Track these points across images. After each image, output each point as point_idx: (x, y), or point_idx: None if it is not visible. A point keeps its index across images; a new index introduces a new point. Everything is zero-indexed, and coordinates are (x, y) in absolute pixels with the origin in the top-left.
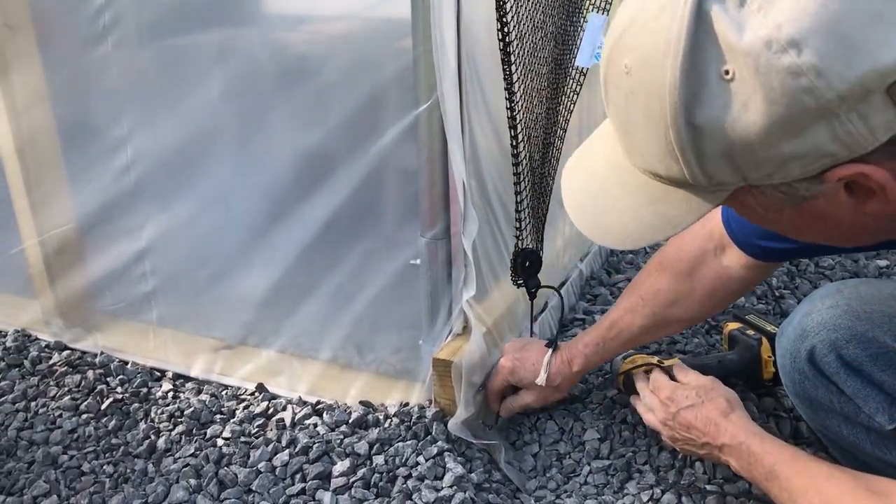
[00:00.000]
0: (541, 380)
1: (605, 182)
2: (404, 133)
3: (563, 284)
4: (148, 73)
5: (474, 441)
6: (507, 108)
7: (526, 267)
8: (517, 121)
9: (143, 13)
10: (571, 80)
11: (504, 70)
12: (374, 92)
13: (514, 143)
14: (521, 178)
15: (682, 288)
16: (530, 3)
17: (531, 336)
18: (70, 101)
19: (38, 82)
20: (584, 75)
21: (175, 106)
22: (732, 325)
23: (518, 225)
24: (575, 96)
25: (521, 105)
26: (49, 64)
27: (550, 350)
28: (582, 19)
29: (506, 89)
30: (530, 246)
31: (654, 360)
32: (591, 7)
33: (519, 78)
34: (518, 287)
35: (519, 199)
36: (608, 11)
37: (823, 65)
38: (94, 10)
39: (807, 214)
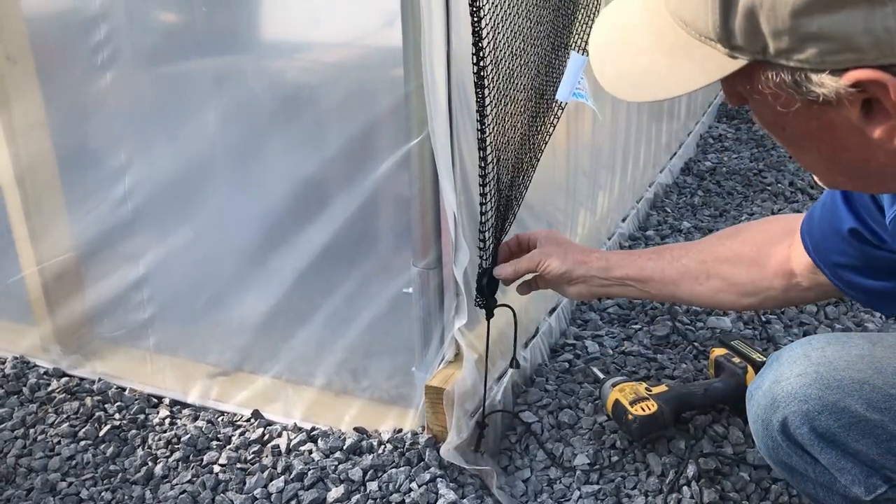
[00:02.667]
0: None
1: (635, 25)
2: (398, 163)
3: (553, 310)
4: (146, 104)
5: (466, 467)
6: (477, 130)
7: (488, 286)
8: (486, 142)
9: (141, 46)
10: (550, 113)
11: (476, 92)
12: (369, 121)
13: (483, 164)
14: (488, 199)
15: (747, 253)
16: (509, 30)
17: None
18: (69, 131)
19: (38, 113)
20: (563, 109)
21: (173, 135)
22: (718, 351)
23: (482, 245)
24: (551, 128)
25: (493, 127)
26: (49, 95)
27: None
28: (566, 55)
29: (477, 111)
30: (489, 265)
31: (643, 386)
32: (573, 46)
33: (492, 100)
34: (479, 307)
35: (484, 220)
36: (588, 53)
37: None
38: (94, 44)
39: (815, 121)
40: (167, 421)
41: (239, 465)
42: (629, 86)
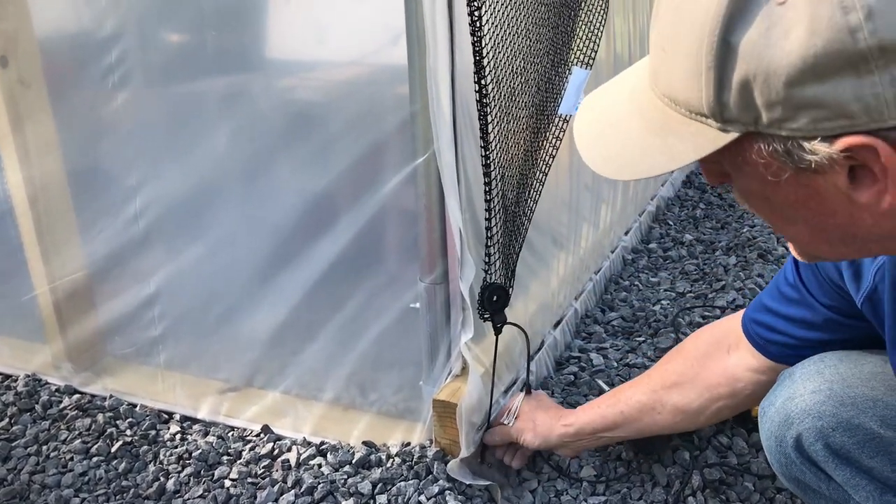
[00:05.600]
0: (507, 419)
1: (622, 107)
2: (405, 180)
3: (558, 323)
4: (157, 124)
5: (471, 482)
6: (480, 147)
7: (493, 301)
8: (490, 159)
9: (152, 67)
10: (553, 126)
11: (478, 110)
12: (377, 138)
13: (487, 181)
14: (492, 214)
15: (687, 372)
16: (509, 49)
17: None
18: (81, 152)
19: (50, 135)
20: (567, 122)
21: (184, 155)
22: None
23: (487, 259)
24: (557, 142)
25: (496, 144)
26: (61, 117)
27: (522, 393)
28: (567, 71)
29: (480, 129)
30: (498, 281)
31: None
32: (576, 61)
33: (494, 117)
34: (484, 321)
35: (489, 235)
36: (591, 67)
37: (878, 7)
38: (105, 66)
39: (803, 189)
40: (178, 436)
41: (250, 480)
42: (619, 166)
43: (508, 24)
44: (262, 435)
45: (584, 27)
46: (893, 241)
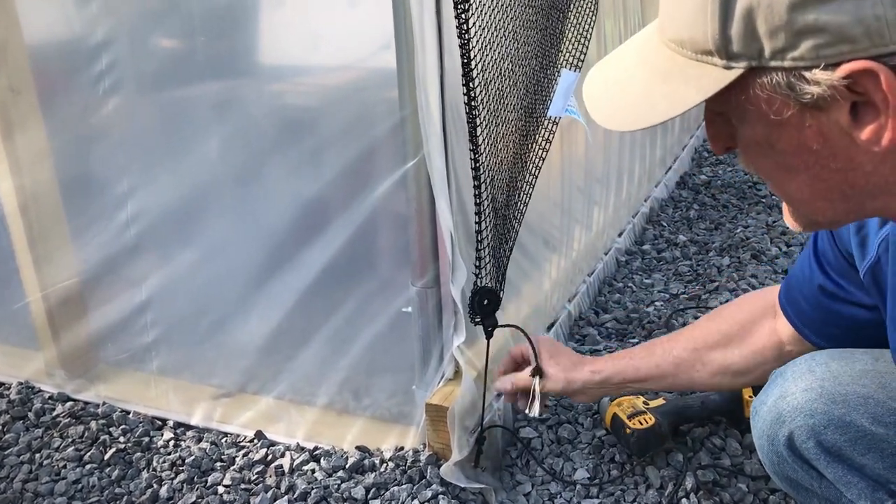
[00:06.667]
0: (534, 412)
1: (629, 61)
2: (396, 184)
3: (552, 326)
4: (148, 131)
5: (465, 485)
6: (470, 150)
7: (484, 305)
8: (479, 162)
9: (143, 74)
10: (543, 129)
11: (467, 113)
12: (368, 143)
13: (476, 184)
14: (482, 218)
15: (733, 333)
16: (497, 52)
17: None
18: (72, 159)
19: (41, 143)
20: (556, 124)
21: (175, 161)
22: None
23: (477, 263)
24: (547, 144)
25: (485, 147)
26: (52, 125)
27: (537, 378)
28: (556, 73)
29: (469, 131)
30: (489, 285)
31: (640, 400)
32: (564, 63)
33: (483, 120)
34: (475, 325)
35: (479, 238)
36: (579, 69)
37: None
38: (96, 73)
39: (806, 130)
40: (171, 443)
41: (243, 486)
42: (625, 116)
43: (496, 27)
44: (255, 441)
45: (572, 29)
46: (891, 197)
